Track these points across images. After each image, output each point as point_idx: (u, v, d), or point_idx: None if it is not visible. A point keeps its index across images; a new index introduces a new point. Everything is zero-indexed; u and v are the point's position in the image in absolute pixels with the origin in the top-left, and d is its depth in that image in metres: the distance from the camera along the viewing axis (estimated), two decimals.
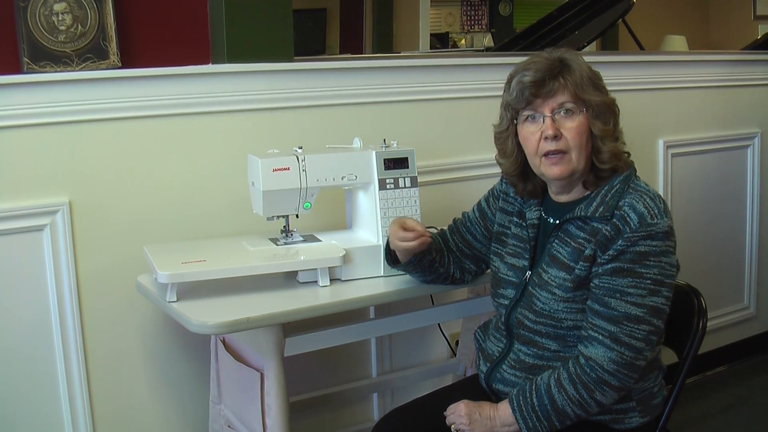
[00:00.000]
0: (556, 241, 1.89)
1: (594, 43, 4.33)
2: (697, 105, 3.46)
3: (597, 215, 1.81)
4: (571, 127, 1.83)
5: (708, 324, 2.08)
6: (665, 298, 1.79)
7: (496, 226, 2.08)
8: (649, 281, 1.76)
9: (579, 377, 1.78)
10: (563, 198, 1.92)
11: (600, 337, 1.77)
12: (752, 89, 3.62)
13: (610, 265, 1.78)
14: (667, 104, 3.34)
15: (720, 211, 3.62)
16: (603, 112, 1.84)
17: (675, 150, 3.39)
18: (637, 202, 1.79)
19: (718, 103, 3.53)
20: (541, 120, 1.85)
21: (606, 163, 1.84)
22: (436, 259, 2.08)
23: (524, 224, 1.99)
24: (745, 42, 4.67)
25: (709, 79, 3.47)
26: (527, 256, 1.96)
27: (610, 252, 1.77)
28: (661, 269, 1.77)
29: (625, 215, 1.78)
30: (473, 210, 2.16)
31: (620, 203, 1.80)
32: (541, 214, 1.97)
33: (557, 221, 1.91)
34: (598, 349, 1.77)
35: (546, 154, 1.84)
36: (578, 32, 3.79)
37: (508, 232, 2.04)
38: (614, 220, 1.79)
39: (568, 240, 1.86)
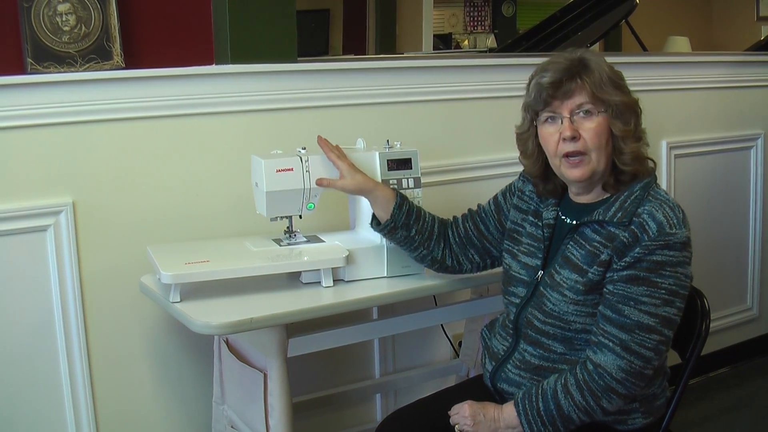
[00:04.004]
0: (570, 242, 1.88)
1: (597, 44, 4.33)
2: (700, 106, 3.46)
3: (615, 220, 1.80)
4: (590, 127, 1.81)
5: (711, 325, 2.08)
6: (678, 309, 1.78)
7: (509, 222, 2.08)
8: (664, 291, 1.75)
9: (587, 384, 1.78)
10: (582, 199, 1.92)
11: (611, 344, 1.77)
12: (755, 90, 3.62)
13: (625, 272, 1.77)
14: (670, 105, 3.34)
15: (723, 212, 3.61)
16: (623, 112, 1.82)
17: (678, 151, 3.39)
18: (657, 211, 1.77)
19: (721, 104, 3.52)
20: (560, 121, 1.84)
21: (628, 165, 1.83)
22: (414, 237, 2.08)
23: (540, 223, 1.98)
24: (748, 43, 4.68)
25: (712, 80, 3.47)
26: (540, 256, 1.95)
27: (627, 259, 1.76)
28: (677, 280, 1.76)
29: (644, 223, 1.76)
30: (489, 203, 2.16)
31: (639, 210, 1.79)
32: (557, 214, 1.96)
33: (574, 222, 1.90)
34: (607, 356, 1.77)
35: (566, 155, 1.84)
36: (581, 33, 3.80)
37: (522, 230, 2.03)
38: (632, 226, 1.77)
39: (583, 243, 1.85)
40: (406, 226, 2.07)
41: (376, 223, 2.12)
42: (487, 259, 2.16)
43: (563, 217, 1.95)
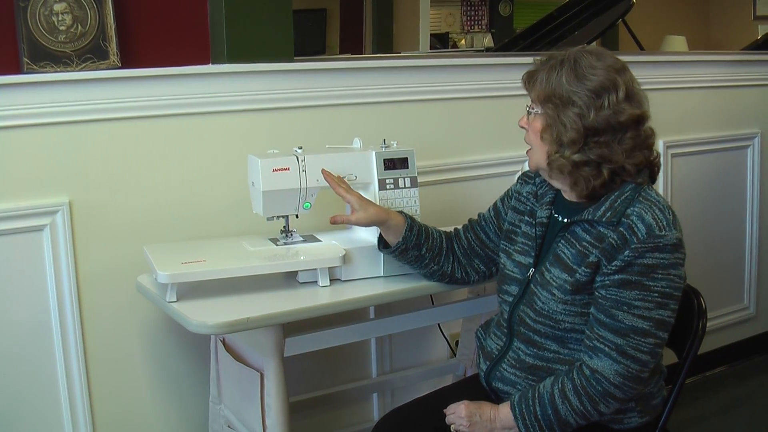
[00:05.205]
0: (562, 241, 1.89)
1: (594, 43, 4.33)
2: (697, 105, 3.46)
3: (604, 220, 1.80)
4: (531, 125, 1.88)
5: (708, 324, 2.08)
6: (672, 311, 1.78)
7: (506, 224, 2.09)
8: (657, 294, 1.75)
9: (585, 389, 1.78)
10: (570, 196, 1.92)
11: (606, 349, 1.77)
12: (752, 89, 3.63)
13: (617, 276, 1.77)
14: (667, 104, 3.34)
15: (720, 211, 3.62)
16: (553, 125, 1.83)
17: (675, 150, 3.39)
18: (646, 213, 1.77)
19: (718, 103, 3.53)
20: None
21: (555, 171, 1.86)
22: (425, 255, 2.09)
23: (534, 222, 1.99)
24: (745, 42, 4.67)
25: (709, 80, 3.47)
26: (533, 254, 1.96)
27: (617, 263, 1.76)
28: (670, 282, 1.76)
29: (633, 225, 1.76)
30: (489, 210, 2.17)
31: (628, 211, 1.79)
32: (551, 213, 1.97)
33: (566, 220, 1.91)
34: (604, 361, 1.77)
35: None
36: (578, 33, 3.79)
37: (518, 230, 2.04)
38: (621, 228, 1.77)
39: (574, 242, 1.86)
40: (417, 246, 2.08)
41: (383, 245, 2.12)
42: (492, 267, 2.16)
43: (556, 215, 1.95)
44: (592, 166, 1.81)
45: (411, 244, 2.07)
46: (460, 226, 2.20)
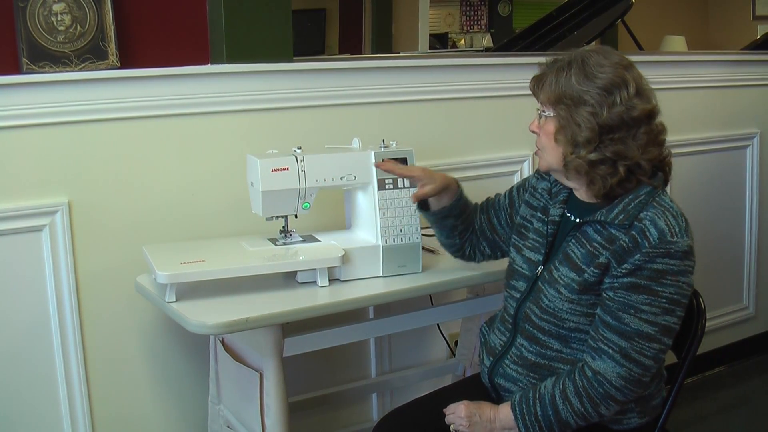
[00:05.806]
0: (573, 240, 1.89)
1: (593, 43, 4.33)
2: (696, 105, 3.46)
3: (617, 222, 1.80)
4: (543, 128, 1.87)
5: (707, 324, 2.08)
6: (678, 318, 1.78)
7: (518, 217, 2.09)
8: (665, 300, 1.75)
9: (586, 391, 1.78)
10: (584, 196, 1.92)
11: (610, 351, 1.77)
12: (751, 89, 3.63)
13: (626, 280, 1.76)
14: (666, 104, 3.30)
15: (719, 211, 3.62)
16: (567, 126, 1.82)
17: (674, 150, 3.35)
18: (659, 218, 1.77)
19: (717, 103, 3.53)
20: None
21: (571, 172, 1.85)
22: (458, 226, 2.12)
23: (546, 220, 1.99)
24: (744, 42, 4.67)
25: (708, 80, 3.47)
26: (543, 252, 1.96)
27: (627, 266, 1.76)
28: (678, 289, 1.76)
29: (645, 229, 1.76)
30: (504, 195, 2.17)
31: (641, 215, 1.79)
32: (564, 212, 1.97)
33: (578, 219, 1.91)
34: (607, 363, 1.77)
35: None
36: (577, 32, 3.79)
37: (530, 226, 2.04)
38: (633, 231, 1.77)
39: (585, 242, 1.86)
40: (457, 216, 2.11)
41: (422, 207, 2.14)
42: (497, 252, 2.17)
43: (569, 215, 1.95)
44: (608, 164, 1.81)
45: (455, 212, 2.10)
46: (478, 203, 2.20)
